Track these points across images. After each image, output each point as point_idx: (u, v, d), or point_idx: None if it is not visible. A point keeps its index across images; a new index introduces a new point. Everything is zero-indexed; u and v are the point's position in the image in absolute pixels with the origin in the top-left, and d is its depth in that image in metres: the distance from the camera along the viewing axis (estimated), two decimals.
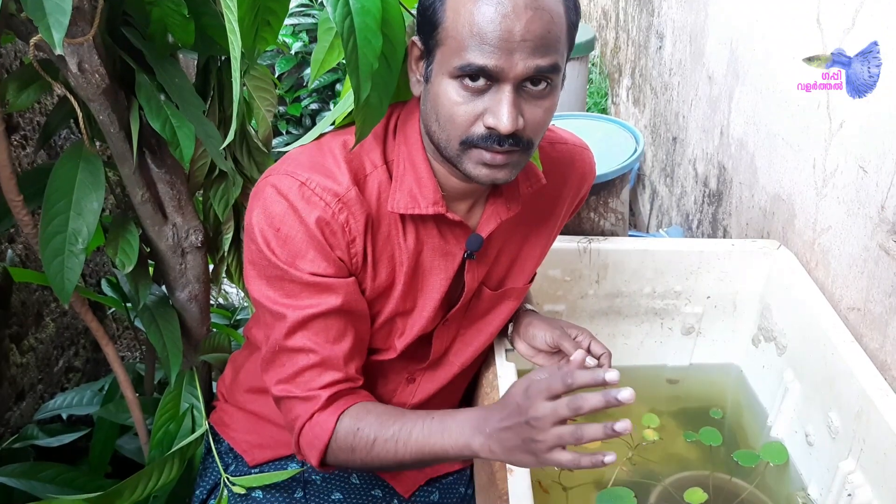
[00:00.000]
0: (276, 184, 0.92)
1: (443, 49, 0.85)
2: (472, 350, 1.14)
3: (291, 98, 3.70)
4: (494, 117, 0.84)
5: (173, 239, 1.21)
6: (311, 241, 0.91)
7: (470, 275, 1.05)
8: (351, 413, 0.95)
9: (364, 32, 0.81)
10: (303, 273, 0.91)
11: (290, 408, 0.97)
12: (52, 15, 0.80)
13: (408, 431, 0.91)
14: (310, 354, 0.94)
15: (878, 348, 1.31)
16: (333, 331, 0.95)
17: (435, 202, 0.96)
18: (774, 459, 1.46)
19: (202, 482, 1.18)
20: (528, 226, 1.11)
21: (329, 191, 0.91)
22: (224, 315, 1.79)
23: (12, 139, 1.38)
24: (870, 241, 1.32)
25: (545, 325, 1.14)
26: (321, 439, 0.94)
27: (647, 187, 2.82)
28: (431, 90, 0.88)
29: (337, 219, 0.91)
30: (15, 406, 1.41)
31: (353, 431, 0.93)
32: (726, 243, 1.64)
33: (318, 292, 0.93)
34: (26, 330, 1.45)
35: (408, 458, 0.91)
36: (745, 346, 1.70)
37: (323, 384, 0.95)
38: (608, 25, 3.40)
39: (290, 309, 0.93)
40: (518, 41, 0.81)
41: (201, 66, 1.21)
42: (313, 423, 0.95)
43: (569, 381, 0.77)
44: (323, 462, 0.97)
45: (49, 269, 1.01)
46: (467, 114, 0.86)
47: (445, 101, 0.86)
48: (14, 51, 1.36)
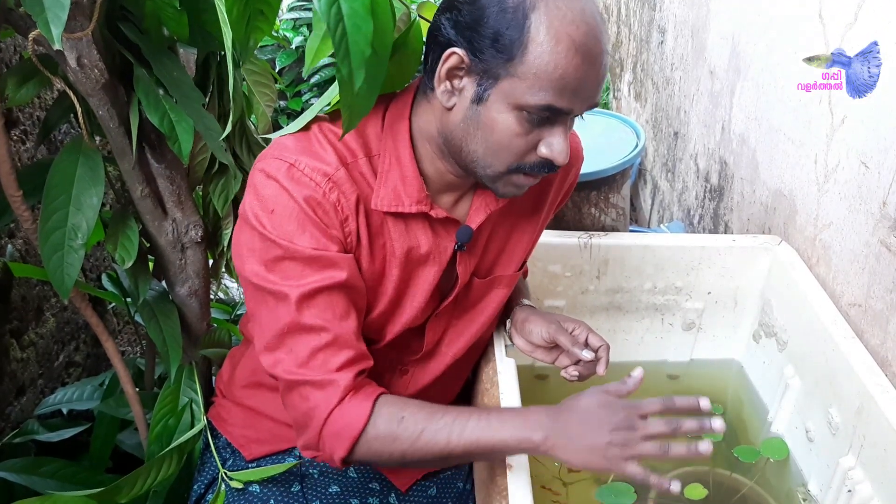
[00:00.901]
0: (265, 168, 0.91)
1: (515, 81, 0.85)
2: (464, 340, 1.14)
3: (292, 93, 3.70)
4: (551, 151, 0.89)
5: (173, 234, 1.21)
6: (307, 219, 0.90)
7: (462, 266, 1.05)
8: (388, 402, 0.92)
9: (353, 18, 0.78)
10: (305, 248, 0.90)
11: (305, 396, 0.91)
12: (51, 10, 0.79)
13: (462, 423, 0.91)
14: (321, 333, 0.91)
15: (878, 344, 1.31)
16: (340, 307, 0.93)
17: (419, 201, 0.96)
18: (775, 455, 1.46)
19: (200, 477, 1.19)
20: (515, 214, 1.11)
21: (318, 171, 0.91)
22: (224, 310, 1.79)
23: (12, 134, 1.38)
24: (871, 237, 1.32)
25: (541, 321, 1.14)
26: (355, 427, 0.90)
27: (648, 182, 2.82)
28: (484, 113, 0.88)
29: (328, 198, 0.91)
30: (15, 401, 1.41)
31: (398, 419, 0.91)
32: (727, 239, 1.63)
33: (321, 267, 0.91)
34: (26, 325, 1.45)
35: (458, 451, 0.91)
36: (745, 342, 1.70)
37: (340, 364, 0.91)
38: (609, 20, 3.39)
39: (293, 288, 0.90)
40: (591, 89, 0.87)
41: (200, 61, 1.20)
42: (344, 409, 0.90)
43: (668, 405, 0.91)
44: (350, 454, 0.92)
45: (49, 264, 1.01)
46: (527, 145, 0.89)
47: (504, 129, 0.88)
48: (13, 45, 1.36)
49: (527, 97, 0.84)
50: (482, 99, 0.87)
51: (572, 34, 0.83)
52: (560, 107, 0.85)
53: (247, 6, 0.84)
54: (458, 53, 0.87)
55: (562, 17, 0.83)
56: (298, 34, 3.62)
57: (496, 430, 0.91)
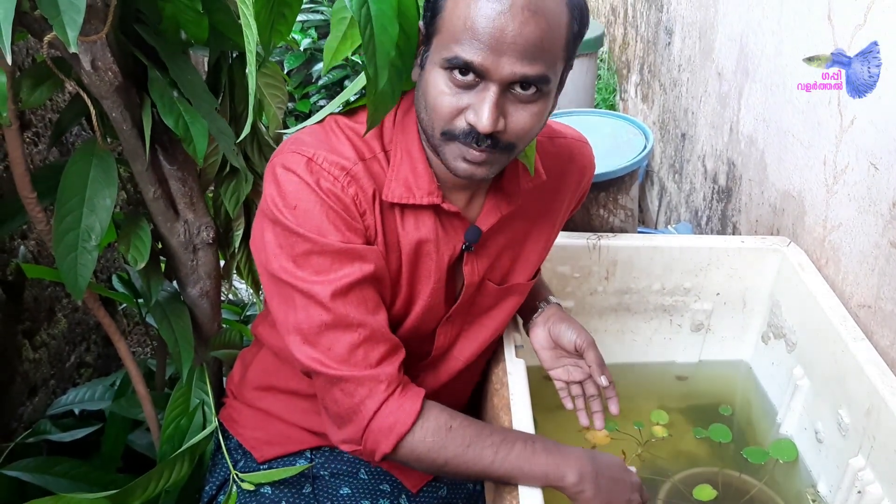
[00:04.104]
0: (284, 162, 0.91)
1: (438, 38, 0.84)
2: (475, 345, 1.14)
3: (300, 94, 3.71)
4: (475, 115, 0.84)
5: (185, 235, 1.22)
6: (332, 212, 0.90)
7: (468, 267, 1.05)
8: (436, 405, 0.94)
9: (381, 20, 0.81)
10: (333, 241, 0.89)
11: (349, 392, 0.92)
12: (67, 13, 0.80)
13: (508, 447, 0.94)
14: (358, 329, 0.91)
15: (888, 345, 1.31)
16: (371, 302, 0.93)
17: (430, 192, 0.96)
18: (784, 456, 1.46)
19: (212, 478, 1.19)
20: (529, 221, 1.11)
21: (336, 164, 0.91)
22: (235, 311, 1.80)
23: (25, 136, 1.39)
24: (881, 239, 1.32)
25: (578, 327, 1.16)
26: (403, 423, 0.91)
27: (655, 183, 2.81)
28: (424, 77, 0.88)
29: (347, 192, 0.91)
30: (28, 401, 1.42)
31: (447, 427, 0.92)
32: (736, 240, 1.63)
33: (350, 260, 0.91)
34: (39, 325, 1.46)
35: (499, 472, 0.94)
36: (754, 343, 1.70)
37: (380, 358, 0.92)
38: (616, 21, 3.39)
39: (325, 284, 0.89)
40: (508, 43, 0.80)
41: (212, 62, 1.21)
42: (392, 405, 0.92)
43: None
44: (394, 451, 0.92)
45: (62, 265, 1.02)
46: (451, 106, 0.85)
47: (433, 90, 0.86)
48: (27, 48, 1.37)
49: (444, 52, 0.83)
50: (423, 64, 0.88)
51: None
52: (470, 60, 0.81)
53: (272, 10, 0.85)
54: (420, 29, 0.89)
55: None
56: (307, 36, 3.63)
57: (538, 461, 0.94)
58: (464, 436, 0.92)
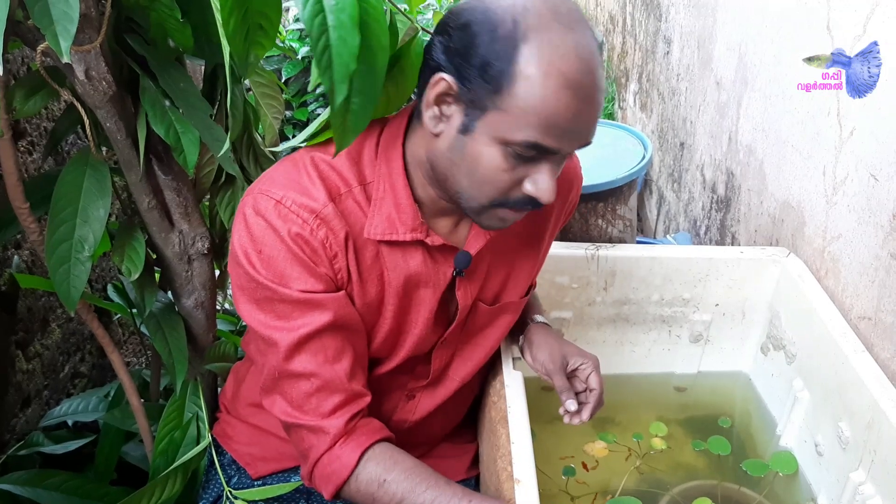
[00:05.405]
0: (254, 204, 0.90)
1: (502, 115, 0.80)
2: (471, 365, 1.13)
3: (298, 103, 3.70)
4: (536, 189, 0.85)
5: (180, 246, 1.21)
6: (295, 259, 0.89)
7: (461, 292, 1.03)
8: (376, 457, 0.94)
9: (339, 30, 0.75)
10: (293, 291, 0.89)
11: (301, 437, 0.96)
12: (60, 23, 0.79)
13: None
14: (311, 379, 0.92)
15: (889, 358, 1.30)
16: (331, 350, 0.93)
17: (414, 228, 0.94)
18: (784, 469, 1.45)
19: (205, 494, 1.18)
20: (518, 239, 1.09)
21: (305, 207, 0.89)
22: (229, 321, 1.79)
23: (19, 145, 1.38)
24: (881, 250, 1.31)
25: (549, 351, 1.14)
26: (340, 475, 0.93)
27: (654, 192, 2.81)
28: (469, 145, 0.84)
29: (316, 235, 0.89)
30: (21, 412, 1.41)
31: (379, 482, 0.92)
32: (735, 250, 1.63)
33: (309, 309, 0.90)
34: (32, 336, 1.45)
35: None
36: (753, 355, 1.69)
37: (330, 409, 0.93)
38: (615, 30, 3.39)
39: (284, 332, 0.90)
40: (582, 127, 0.83)
41: (208, 72, 1.20)
42: (332, 456, 0.93)
43: None
44: (335, 497, 0.95)
45: (55, 276, 1.01)
46: (511, 181, 0.85)
47: (488, 164, 0.84)
48: (21, 57, 1.36)
49: (513, 133, 0.80)
50: (468, 129, 0.83)
51: (564, 70, 0.78)
52: (547, 145, 0.81)
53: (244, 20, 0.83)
54: (445, 80, 0.83)
55: (554, 51, 0.78)
56: (304, 45, 3.62)
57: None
58: (395, 491, 0.91)
